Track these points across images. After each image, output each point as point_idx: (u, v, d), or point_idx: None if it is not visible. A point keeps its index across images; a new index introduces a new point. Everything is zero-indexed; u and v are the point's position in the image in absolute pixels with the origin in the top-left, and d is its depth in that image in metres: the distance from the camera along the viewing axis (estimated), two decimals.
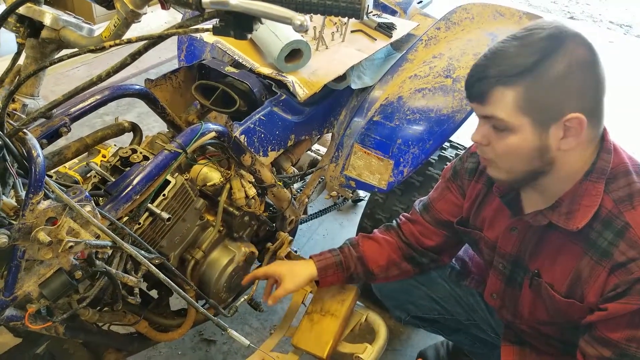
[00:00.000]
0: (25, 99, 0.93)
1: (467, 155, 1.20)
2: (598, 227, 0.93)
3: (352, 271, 1.29)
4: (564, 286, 1.00)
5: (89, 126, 2.52)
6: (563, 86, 0.86)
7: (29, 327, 0.88)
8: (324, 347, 1.26)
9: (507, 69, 0.87)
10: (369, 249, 1.30)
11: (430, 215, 1.27)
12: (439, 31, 1.61)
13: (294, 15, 0.61)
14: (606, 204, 0.92)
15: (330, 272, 1.28)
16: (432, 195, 1.29)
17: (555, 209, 0.97)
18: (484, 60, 0.91)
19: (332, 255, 1.29)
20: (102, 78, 0.74)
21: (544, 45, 0.86)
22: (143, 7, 0.81)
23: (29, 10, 0.86)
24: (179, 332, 1.26)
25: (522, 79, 0.86)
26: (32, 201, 0.77)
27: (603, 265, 0.92)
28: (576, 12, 5.14)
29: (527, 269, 1.07)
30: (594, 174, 0.93)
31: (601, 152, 0.93)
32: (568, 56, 0.85)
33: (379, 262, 1.29)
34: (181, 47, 1.78)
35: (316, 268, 1.27)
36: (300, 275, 1.27)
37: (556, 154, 0.91)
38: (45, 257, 0.82)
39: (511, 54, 0.87)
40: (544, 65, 0.85)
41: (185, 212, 1.15)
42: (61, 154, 1.09)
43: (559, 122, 0.87)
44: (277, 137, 1.38)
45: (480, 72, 0.91)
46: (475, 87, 0.92)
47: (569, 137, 0.89)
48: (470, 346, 1.49)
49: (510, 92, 0.87)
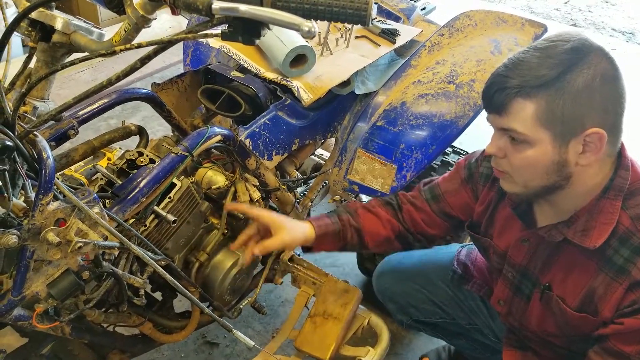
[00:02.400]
0: (36, 101, 0.94)
1: (481, 158, 1.18)
2: (614, 244, 0.91)
3: (348, 241, 1.24)
4: (576, 301, 0.98)
5: (94, 129, 2.54)
6: (585, 100, 0.84)
7: (36, 326, 0.89)
8: (327, 350, 1.27)
9: (529, 80, 0.85)
10: (368, 222, 1.25)
11: (439, 207, 1.24)
12: (442, 37, 1.63)
13: (302, 22, 0.62)
14: (623, 221, 0.91)
15: (328, 240, 1.22)
16: (444, 187, 1.24)
17: (571, 225, 0.95)
18: (504, 70, 0.88)
19: (331, 222, 1.23)
20: (113, 82, 0.76)
21: (568, 57, 0.84)
22: (153, 12, 0.83)
23: (41, 15, 0.87)
24: (182, 334, 1.27)
25: (544, 91, 0.84)
26: (42, 202, 0.79)
27: (620, 282, 0.91)
28: (579, 20, 5.16)
29: (537, 281, 1.05)
30: (612, 191, 0.91)
31: (619, 168, 0.92)
32: (592, 69, 0.83)
33: (376, 238, 1.25)
34: (187, 51, 1.79)
35: (315, 234, 1.19)
36: (298, 231, 1.17)
37: (574, 169, 0.89)
38: (53, 257, 0.83)
39: (533, 65, 0.85)
40: (567, 78, 0.83)
41: (191, 215, 1.16)
42: (68, 157, 1.10)
43: (580, 136, 0.85)
44: (281, 141, 1.40)
45: (500, 82, 0.88)
46: (494, 97, 0.88)
47: (587, 153, 0.87)
48: (472, 350, 1.49)
49: (530, 104, 0.85)
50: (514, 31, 1.63)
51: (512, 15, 1.68)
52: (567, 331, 1.04)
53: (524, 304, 1.11)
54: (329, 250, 1.26)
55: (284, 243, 1.15)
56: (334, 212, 1.27)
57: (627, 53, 4.43)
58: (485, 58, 1.51)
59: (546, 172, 0.90)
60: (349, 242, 1.24)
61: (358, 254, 1.82)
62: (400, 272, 1.45)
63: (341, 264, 2.06)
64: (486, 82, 0.92)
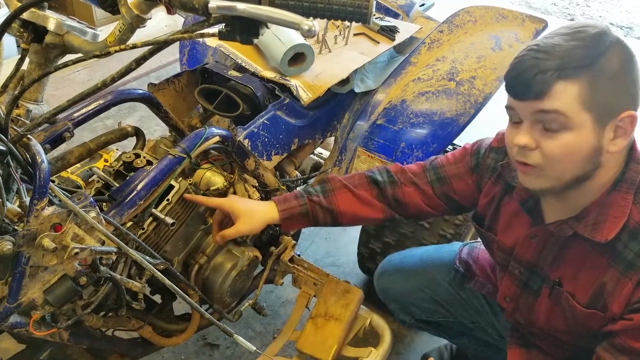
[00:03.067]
0: (29, 104, 0.92)
1: (489, 149, 1.15)
2: (625, 238, 0.90)
3: (319, 220, 1.20)
4: (586, 296, 0.97)
5: (90, 130, 2.52)
6: (621, 82, 0.84)
7: (33, 333, 0.87)
8: (329, 351, 1.26)
9: (568, 61, 0.82)
10: (344, 203, 1.20)
11: (443, 190, 1.20)
12: (442, 34, 1.61)
13: (302, 21, 0.61)
14: (634, 215, 0.90)
15: (295, 221, 1.19)
16: (449, 170, 1.20)
17: (582, 219, 0.93)
18: (538, 53, 0.84)
19: (298, 204, 1.18)
20: (107, 83, 0.74)
21: (599, 40, 0.83)
22: (148, 12, 0.81)
23: (32, 16, 0.85)
24: (182, 337, 1.26)
25: (586, 72, 0.82)
26: (37, 207, 0.77)
27: (629, 277, 0.90)
28: (576, 14, 5.14)
29: (547, 277, 1.04)
30: (624, 184, 0.90)
31: (631, 162, 0.90)
32: (619, 54, 0.83)
33: (351, 218, 1.21)
34: (183, 50, 1.78)
35: (279, 218, 1.17)
36: (258, 218, 1.15)
37: (605, 156, 0.87)
38: (49, 263, 0.81)
39: (569, 47, 0.83)
40: (603, 60, 0.82)
41: (189, 217, 1.15)
42: (64, 159, 1.08)
43: (615, 119, 0.84)
44: (280, 141, 1.38)
45: (537, 66, 0.83)
46: (534, 80, 0.84)
47: (618, 138, 0.86)
48: (475, 349, 1.48)
49: (573, 86, 0.82)
50: (514, 27, 1.61)
51: (512, 11, 1.67)
52: (575, 327, 1.03)
53: (531, 300, 1.09)
54: (298, 228, 1.26)
55: (240, 232, 1.14)
56: (306, 188, 1.23)
57: None
58: (485, 54, 1.50)
59: (582, 160, 0.86)
60: (320, 222, 1.21)
61: (359, 254, 1.81)
62: (402, 272, 1.44)
63: (341, 263, 2.05)
64: (513, 69, 0.87)
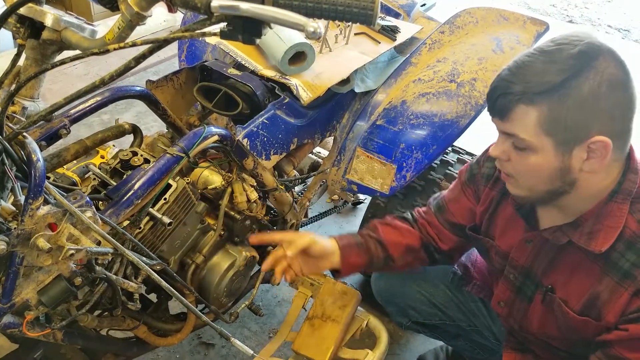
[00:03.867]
0: (25, 101, 0.91)
1: (484, 159, 1.16)
2: (620, 247, 0.90)
3: (373, 254, 1.22)
4: (579, 304, 0.98)
5: (87, 125, 2.50)
6: (590, 107, 0.82)
7: (26, 334, 0.86)
8: (325, 353, 1.25)
9: (532, 86, 0.83)
10: (388, 234, 1.24)
11: (444, 217, 1.24)
12: (443, 35, 1.60)
13: (307, 22, 0.59)
14: (630, 224, 0.89)
15: (353, 253, 1.20)
16: (447, 196, 1.25)
17: (577, 228, 0.94)
18: (508, 75, 0.86)
19: (351, 235, 1.23)
20: (106, 81, 0.73)
21: (574, 63, 0.81)
22: (148, 9, 0.79)
23: (30, 11, 0.84)
24: (178, 337, 1.25)
25: (547, 97, 0.82)
26: (32, 207, 0.75)
27: (625, 287, 0.90)
28: (575, 16, 5.14)
29: (540, 283, 1.05)
30: (620, 194, 0.89)
31: (628, 172, 0.90)
32: (599, 76, 0.81)
33: (399, 247, 1.23)
34: (182, 47, 1.76)
35: (339, 246, 1.18)
36: (324, 241, 1.17)
37: (578, 175, 0.87)
38: (44, 263, 0.80)
39: (538, 70, 0.83)
40: (572, 85, 0.81)
41: (187, 216, 1.13)
42: (60, 156, 1.07)
43: (584, 144, 0.84)
44: (279, 141, 1.37)
45: (503, 87, 0.86)
46: (497, 102, 0.87)
47: (592, 159, 0.85)
48: (471, 352, 1.48)
49: (533, 110, 0.83)
50: (515, 29, 1.60)
51: (513, 12, 1.66)
52: (568, 334, 1.02)
53: (525, 305, 1.09)
54: (358, 267, 1.23)
55: (312, 241, 1.14)
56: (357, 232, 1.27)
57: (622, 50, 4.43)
58: (486, 56, 1.49)
59: (549, 178, 0.89)
60: (374, 255, 1.22)
61: None
62: (400, 274, 1.43)
63: None
64: (490, 85, 0.90)
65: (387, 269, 1.28)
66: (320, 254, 1.17)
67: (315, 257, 1.17)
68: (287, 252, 1.12)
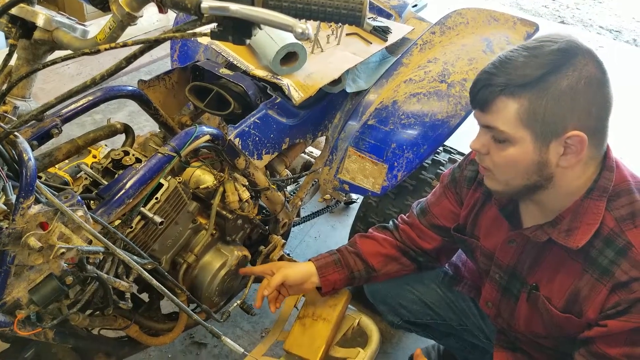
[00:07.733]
0: (17, 100, 0.91)
1: (466, 162, 1.19)
2: (599, 245, 0.92)
3: (352, 267, 1.27)
4: (561, 301, 0.99)
5: (79, 124, 2.49)
6: (568, 102, 0.84)
7: (17, 333, 0.86)
8: (317, 352, 1.26)
9: (513, 78, 0.85)
10: (366, 245, 1.29)
11: (427, 220, 1.27)
12: (434, 35, 1.61)
13: (296, 23, 0.60)
14: (608, 222, 0.91)
15: (331, 270, 1.26)
16: (429, 199, 1.28)
17: (556, 225, 0.96)
18: (491, 68, 0.89)
19: (329, 254, 1.29)
20: (97, 81, 0.73)
21: (554, 58, 0.84)
22: (139, 10, 0.80)
23: (21, 11, 0.84)
24: (170, 337, 1.25)
25: (527, 90, 0.85)
26: (23, 206, 0.76)
27: (603, 283, 0.92)
28: (567, 17, 5.18)
29: (525, 282, 1.06)
30: (596, 191, 0.92)
31: (603, 170, 0.92)
32: (577, 72, 0.84)
33: (378, 258, 1.28)
34: (174, 47, 1.76)
35: (315, 267, 1.26)
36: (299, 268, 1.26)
37: (555, 170, 0.90)
38: (35, 262, 0.80)
39: (519, 64, 0.86)
40: (551, 79, 0.84)
41: (178, 216, 1.14)
42: (52, 156, 1.07)
43: (560, 138, 0.86)
44: (271, 140, 1.38)
45: (485, 80, 0.89)
46: (479, 94, 0.90)
47: (568, 155, 0.88)
48: (462, 351, 1.49)
49: (513, 103, 0.86)
50: (505, 30, 1.62)
51: (503, 13, 1.68)
52: (554, 332, 1.04)
53: (512, 305, 1.11)
54: (338, 283, 1.28)
55: (286, 279, 1.24)
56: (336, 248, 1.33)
57: (613, 51, 4.47)
58: (477, 57, 1.51)
59: (526, 171, 0.91)
60: (353, 269, 1.28)
61: None
62: None
63: None
64: (474, 78, 0.92)
65: (373, 280, 1.33)
66: (299, 282, 1.26)
67: (295, 285, 1.26)
68: (264, 292, 1.24)
